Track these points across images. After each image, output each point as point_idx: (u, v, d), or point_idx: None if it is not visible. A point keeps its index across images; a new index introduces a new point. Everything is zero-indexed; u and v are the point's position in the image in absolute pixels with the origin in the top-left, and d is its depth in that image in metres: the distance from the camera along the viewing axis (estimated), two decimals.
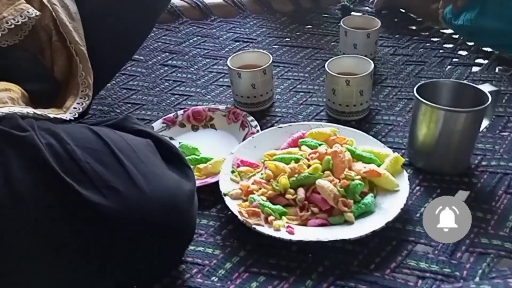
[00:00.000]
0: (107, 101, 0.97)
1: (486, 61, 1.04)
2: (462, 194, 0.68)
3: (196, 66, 1.08)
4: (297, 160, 0.68)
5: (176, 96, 0.98)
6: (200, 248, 0.62)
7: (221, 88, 0.99)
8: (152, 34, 1.21)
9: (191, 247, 0.62)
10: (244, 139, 0.80)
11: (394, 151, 0.70)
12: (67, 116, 0.66)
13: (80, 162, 0.49)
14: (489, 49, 1.07)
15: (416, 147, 0.72)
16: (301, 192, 0.62)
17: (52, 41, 0.68)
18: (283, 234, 0.58)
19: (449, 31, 1.17)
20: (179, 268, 0.59)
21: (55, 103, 0.69)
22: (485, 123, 0.70)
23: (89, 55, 0.70)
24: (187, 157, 0.77)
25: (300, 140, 0.73)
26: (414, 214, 0.65)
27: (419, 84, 0.70)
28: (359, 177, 0.64)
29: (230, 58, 0.89)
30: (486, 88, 0.69)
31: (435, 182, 0.70)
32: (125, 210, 0.48)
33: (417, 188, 0.69)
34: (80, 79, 0.70)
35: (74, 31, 0.67)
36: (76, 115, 0.67)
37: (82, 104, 0.69)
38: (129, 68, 1.08)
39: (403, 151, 0.77)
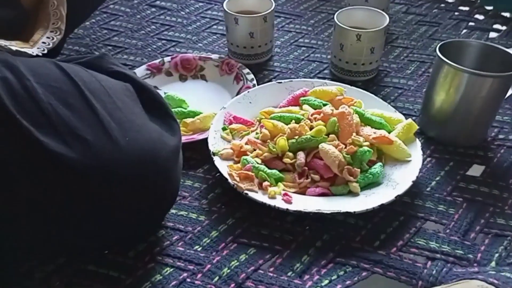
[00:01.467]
0: (85, 41, 0.86)
1: (504, 27, 0.95)
2: (477, 169, 0.61)
3: (187, 10, 0.96)
4: (297, 120, 0.59)
5: (164, 41, 0.87)
6: (183, 213, 0.54)
7: (215, 36, 0.89)
8: None
9: (173, 211, 0.55)
10: (238, 94, 0.71)
11: (405, 117, 0.63)
12: (34, 51, 0.55)
13: (41, 103, 0.40)
14: (507, 15, 0.98)
15: (431, 114, 0.65)
16: (301, 156, 0.54)
17: None
18: (278, 203, 0.50)
19: None
20: (158, 234, 0.52)
21: (22, 35, 0.58)
22: (509, 92, 0.63)
23: None
24: (173, 109, 0.68)
25: (301, 98, 0.65)
26: (424, 188, 0.58)
27: (442, 42, 0.62)
28: (367, 143, 0.56)
29: (226, 0, 0.78)
30: None
31: (448, 153, 0.63)
32: (94, 163, 0.40)
33: (428, 159, 0.62)
34: (52, 9, 0.59)
35: None
36: (45, 51, 0.57)
37: (53, 39, 0.59)
38: (111, 6, 0.96)
39: (413, 118, 0.69)
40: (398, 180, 0.54)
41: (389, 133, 0.59)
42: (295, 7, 0.99)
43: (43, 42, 0.58)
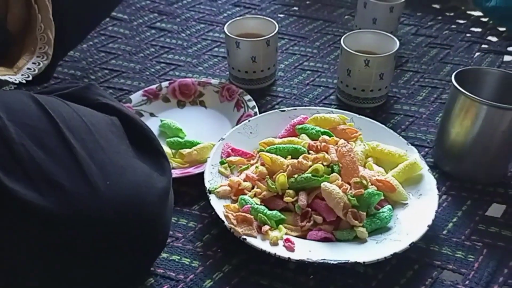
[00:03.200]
0: (81, 64, 0.83)
1: None
2: (497, 208, 0.56)
3: (188, 32, 0.93)
4: (295, 152, 0.55)
5: (162, 64, 0.84)
6: (175, 257, 0.50)
7: (216, 59, 0.85)
8: None
9: (164, 255, 0.50)
10: (238, 122, 0.67)
11: (417, 149, 0.58)
12: (17, 78, 0.52)
13: (12, 144, 0.36)
14: None
15: (446, 147, 0.60)
16: (302, 197, 0.50)
17: None
18: (280, 250, 0.46)
19: (477, 13, 1.03)
20: (146, 283, 0.47)
21: (7, 60, 0.55)
22: None
23: (54, 5, 0.56)
24: (168, 139, 0.64)
25: (297, 127, 0.61)
26: (440, 231, 0.53)
27: (458, 70, 0.58)
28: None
29: (228, 23, 0.75)
30: None
31: (465, 191, 0.58)
32: (69, 212, 0.36)
33: (444, 197, 0.57)
34: (39, 32, 0.56)
35: None
36: (30, 78, 0.53)
37: (39, 64, 0.55)
38: (110, 28, 0.93)
39: (426, 149, 0.65)
40: (411, 224, 0.49)
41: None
42: (299, 29, 0.95)
43: (28, 68, 0.54)
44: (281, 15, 0.99)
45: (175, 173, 0.58)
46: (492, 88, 0.59)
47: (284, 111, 0.65)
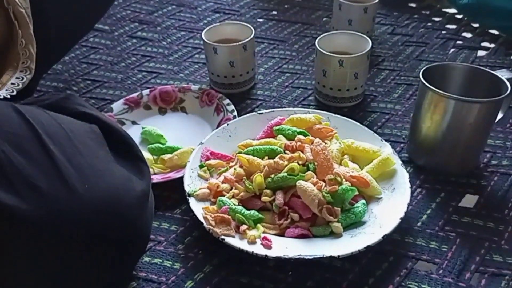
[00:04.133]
0: (63, 76, 0.84)
1: (492, 45, 0.93)
2: (470, 199, 0.58)
3: (169, 40, 0.94)
4: (271, 153, 0.56)
5: (144, 73, 0.85)
6: (157, 260, 0.51)
7: (196, 66, 0.87)
8: (121, 0, 1.07)
9: (146, 258, 0.51)
10: (218, 126, 0.68)
11: (392, 145, 0.60)
12: (2, 93, 0.53)
13: None
14: (495, 32, 0.96)
15: (418, 142, 0.62)
16: (279, 196, 0.51)
17: None
18: (257, 248, 0.47)
19: (452, 10, 1.06)
20: (128, 286, 0.48)
21: None
22: (499, 116, 0.60)
23: (36, 20, 0.57)
24: (150, 146, 0.65)
25: (274, 128, 0.62)
26: (414, 223, 0.55)
27: (425, 67, 0.59)
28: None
29: (205, 30, 0.76)
30: (504, 74, 0.58)
31: (439, 183, 0.60)
32: (48, 215, 0.37)
33: (418, 190, 0.59)
34: (20, 48, 0.57)
35: None
36: (14, 93, 0.55)
37: (22, 79, 0.56)
38: (91, 39, 0.94)
39: (401, 145, 0.67)
40: (385, 217, 0.51)
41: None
42: (278, 32, 0.97)
43: (12, 83, 0.55)
44: (260, 20, 1.01)
45: (157, 178, 0.59)
46: (459, 82, 0.61)
47: (262, 113, 0.66)
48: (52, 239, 0.37)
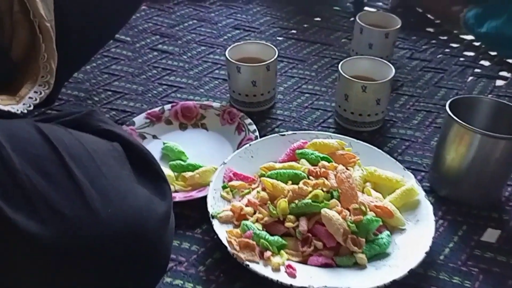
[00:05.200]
0: (84, 86, 0.85)
1: (510, 75, 0.93)
2: (492, 234, 0.58)
3: (189, 54, 0.95)
4: (295, 177, 0.56)
5: (164, 86, 0.85)
6: (178, 282, 0.51)
7: (217, 81, 0.87)
8: (142, 13, 1.08)
9: (168, 279, 0.51)
10: (239, 145, 0.68)
11: (413, 174, 0.60)
12: (19, 107, 0.53)
13: (16, 174, 0.37)
14: None
15: (441, 172, 0.62)
16: (303, 223, 0.51)
17: (14, 11, 0.55)
18: (282, 277, 0.47)
19: (470, 37, 1.06)
20: None
21: (10, 89, 0.56)
22: None
23: (58, 32, 0.57)
24: (171, 162, 0.66)
25: (297, 152, 0.62)
26: (436, 256, 0.54)
27: (452, 98, 0.60)
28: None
29: (229, 48, 0.77)
30: None
31: (461, 215, 0.60)
32: (71, 241, 0.36)
33: (440, 221, 0.59)
34: (42, 61, 0.57)
35: (40, 1, 0.54)
36: (31, 107, 0.55)
37: (40, 93, 0.56)
38: (113, 49, 0.95)
39: (422, 174, 0.67)
40: (409, 250, 0.50)
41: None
42: (298, 52, 0.98)
43: (30, 97, 0.55)
44: (280, 38, 1.02)
45: (178, 196, 0.59)
46: (485, 115, 0.61)
47: (284, 135, 0.66)
48: (75, 264, 0.37)
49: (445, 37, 1.07)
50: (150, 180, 0.46)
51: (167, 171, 0.64)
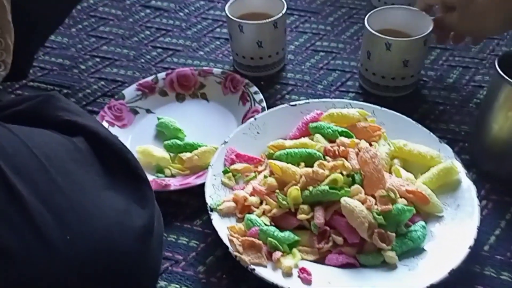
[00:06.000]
0: (70, 52, 0.75)
1: None
2: None
3: (186, 10, 0.84)
4: (309, 158, 0.47)
5: (159, 50, 0.75)
6: (174, 286, 0.44)
7: (218, 42, 0.77)
8: None
9: (162, 283, 0.44)
10: (244, 118, 0.59)
11: (449, 145, 0.50)
12: None
13: None
14: None
15: (486, 144, 0.52)
16: (319, 214, 0.43)
17: None
18: (294, 283, 0.39)
19: None
20: None
21: None
22: None
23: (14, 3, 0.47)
24: (166, 142, 0.57)
25: (311, 125, 0.53)
26: (480, 246, 0.46)
27: (501, 53, 0.48)
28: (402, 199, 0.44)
29: (229, 3, 0.65)
30: None
31: (509, 195, 0.50)
32: (23, 285, 0.29)
33: (484, 202, 0.50)
34: None
35: None
36: None
37: None
38: (100, 8, 0.84)
39: (460, 144, 0.56)
40: (449, 243, 0.42)
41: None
42: (310, 2, 0.85)
43: None
44: None
45: (174, 184, 0.51)
46: None
47: (295, 105, 0.57)
48: None
49: None
50: (126, 182, 0.37)
51: (162, 152, 0.56)
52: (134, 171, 0.38)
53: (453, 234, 0.43)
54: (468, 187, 0.46)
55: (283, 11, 0.63)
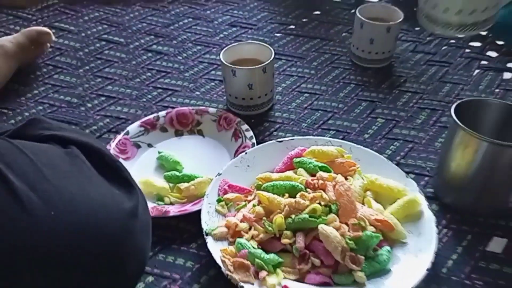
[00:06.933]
0: (77, 91, 0.83)
1: None
2: (498, 243, 0.55)
3: (184, 54, 0.92)
4: (292, 189, 0.54)
5: (159, 90, 0.83)
6: None
7: (213, 83, 0.85)
8: (136, 13, 1.05)
9: None
10: (236, 153, 0.66)
11: (416, 178, 0.58)
12: None
13: None
14: None
15: (446, 179, 0.59)
16: (300, 239, 0.49)
17: None
18: None
19: None
20: None
21: None
22: None
23: None
24: (166, 174, 0.64)
25: (295, 160, 0.60)
26: (439, 269, 0.52)
27: (458, 102, 0.57)
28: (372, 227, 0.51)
29: (223, 50, 0.74)
30: None
31: (466, 224, 0.57)
32: (10, 248, 0.34)
33: (444, 231, 0.57)
34: None
35: None
36: None
37: None
38: (106, 51, 0.93)
39: (426, 178, 0.64)
40: (410, 265, 0.48)
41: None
42: (296, 48, 0.94)
43: None
44: (278, 34, 0.99)
45: (172, 210, 0.57)
46: (493, 119, 0.58)
47: (281, 141, 0.64)
48: (19, 273, 0.34)
49: None
50: (113, 175, 0.42)
51: (162, 182, 0.63)
52: (122, 175, 0.42)
53: (414, 258, 0.49)
54: (429, 218, 0.53)
55: (271, 58, 0.72)
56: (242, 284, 0.46)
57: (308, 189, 0.54)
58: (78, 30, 0.99)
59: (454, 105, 0.56)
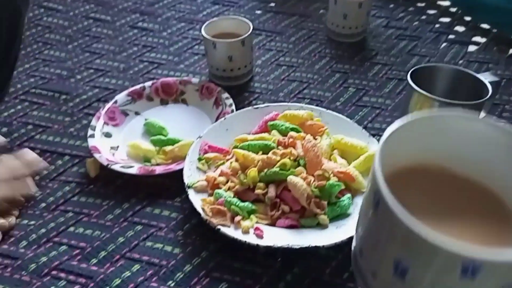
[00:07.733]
0: (67, 64, 0.87)
1: (484, 39, 0.96)
2: None
3: (169, 30, 0.97)
4: (265, 148, 0.60)
5: (145, 63, 0.88)
6: (159, 245, 0.56)
7: (196, 57, 0.90)
8: None
9: (149, 243, 0.56)
10: (217, 119, 0.72)
11: (378, 140, 0.64)
12: None
13: None
14: (487, 27, 0.99)
15: None
16: (271, 189, 0.56)
17: None
18: (250, 238, 0.52)
19: (447, 3, 1.08)
20: (132, 268, 0.53)
21: None
22: (481, 115, 0.64)
23: None
24: (152, 138, 0.70)
25: (269, 123, 0.66)
26: None
27: (413, 68, 0.63)
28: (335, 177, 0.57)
29: (204, 25, 0.79)
30: (487, 77, 0.61)
31: None
32: None
33: None
34: None
35: None
36: None
37: None
38: (93, 29, 0.97)
39: None
40: None
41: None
42: (276, 25, 0.99)
43: None
44: (259, 11, 1.03)
45: (158, 169, 0.63)
46: (445, 83, 0.64)
47: (257, 108, 0.70)
48: None
49: (423, 4, 1.08)
50: None
51: (149, 145, 0.68)
52: None
53: None
54: None
55: (249, 32, 0.77)
56: (219, 227, 0.53)
57: (279, 147, 0.61)
58: (66, 9, 1.03)
59: (410, 71, 0.62)
